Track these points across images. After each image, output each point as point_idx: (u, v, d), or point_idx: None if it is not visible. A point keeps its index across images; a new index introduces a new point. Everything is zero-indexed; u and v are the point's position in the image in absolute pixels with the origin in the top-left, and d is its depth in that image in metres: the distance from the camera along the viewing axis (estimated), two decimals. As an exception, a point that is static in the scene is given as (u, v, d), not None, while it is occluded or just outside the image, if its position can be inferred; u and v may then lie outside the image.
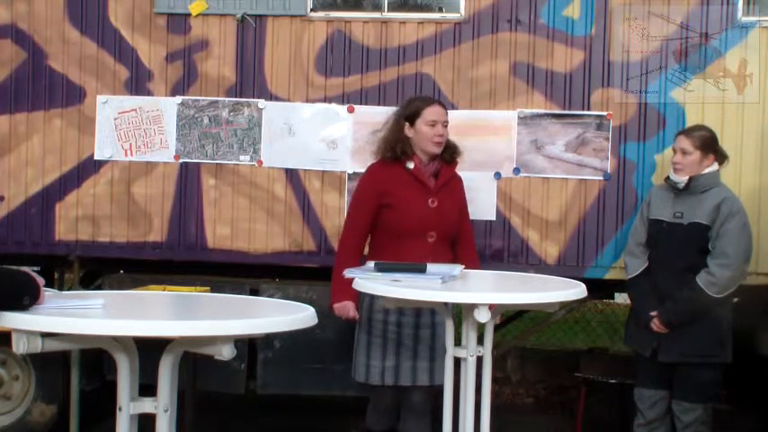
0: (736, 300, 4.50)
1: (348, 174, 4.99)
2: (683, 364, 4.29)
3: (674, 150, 4.41)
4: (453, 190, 4.20)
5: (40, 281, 2.41)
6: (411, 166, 4.08)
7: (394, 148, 4.10)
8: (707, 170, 4.35)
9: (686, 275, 4.28)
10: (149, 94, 5.13)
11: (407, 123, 4.11)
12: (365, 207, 4.12)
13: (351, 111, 5.03)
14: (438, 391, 3.84)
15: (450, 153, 4.18)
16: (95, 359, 5.01)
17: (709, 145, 4.37)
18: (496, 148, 4.96)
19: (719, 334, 4.32)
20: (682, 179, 4.34)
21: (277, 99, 5.07)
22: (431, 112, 4.08)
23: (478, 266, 4.28)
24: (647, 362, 4.40)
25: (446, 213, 4.10)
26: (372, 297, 3.94)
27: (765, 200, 4.82)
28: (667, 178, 4.43)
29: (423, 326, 4.05)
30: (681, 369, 4.31)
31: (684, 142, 4.36)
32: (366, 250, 4.22)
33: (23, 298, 2.30)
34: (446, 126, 4.13)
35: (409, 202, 4.04)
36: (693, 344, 4.27)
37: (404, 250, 3.92)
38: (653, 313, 4.33)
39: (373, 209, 4.09)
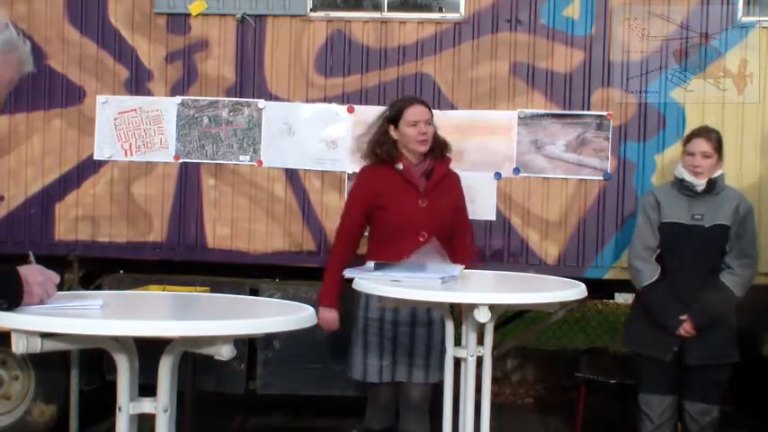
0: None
1: (348, 174, 4.99)
2: (702, 366, 4.25)
3: (692, 153, 4.27)
4: (448, 188, 4.19)
5: (55, 278, 2.35)
6: (400, 167, 4.10)
7: (380, 151, 4.11)
8: (719, 171, 4.31)
9: (709, 277, 4.25)
10: (149, 94, 5.13)
11: (392, 126, 4.12)
12: (358, 208, 4.17)
13: (351, 111, 5.03)
14: (438, 390, 3.84)
15: (440, 150, 4.17)
16: (95, 359, 5.01)
17: (721, 146, 4.34)
18: (496, 148, 4.96)
19: (733, 334, 4.32)
20: (701, 182, 4.26)
21: (277, 99, 5.07)
22: (411, 113, 4.08)
23: (469, 257, 4.12)
24: (659, 367, 4.29)
25: (437, 213, 4.08)
26: (368, 297, 3.95)
27: (765, 200, 4.82)
28: (680, 180, 4.31)
29: (419, 323, 4.05)
30: (698, 371, 4.25)
31: (705, 145, 4.26)
32: (363, 249, 4.25)
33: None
34: (429, 124, 4.11)
35: (400, 203, 4.06)
36: (715, 345, 4.24)
37: (397, 249, 3.92)
38: (683, 317, 4.23)
39: (365, 211, 4.14)
